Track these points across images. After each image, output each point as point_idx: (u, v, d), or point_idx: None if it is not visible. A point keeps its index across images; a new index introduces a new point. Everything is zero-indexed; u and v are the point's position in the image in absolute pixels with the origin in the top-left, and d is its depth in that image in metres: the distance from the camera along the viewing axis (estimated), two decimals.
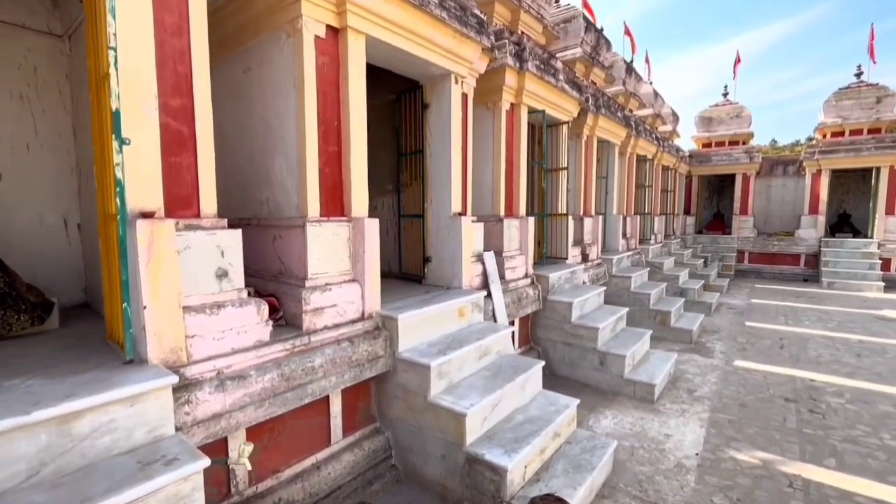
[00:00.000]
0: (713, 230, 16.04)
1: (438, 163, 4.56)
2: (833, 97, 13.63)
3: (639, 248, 10.26)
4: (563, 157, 6.55)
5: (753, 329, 8.12)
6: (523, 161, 5.69)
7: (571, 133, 7.58)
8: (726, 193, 16.91)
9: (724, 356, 6.62)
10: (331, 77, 3.32)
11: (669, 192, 13.28)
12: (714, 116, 15.81)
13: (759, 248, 14.60)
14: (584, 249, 7.54)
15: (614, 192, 8.94)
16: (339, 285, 3.28)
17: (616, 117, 8.10)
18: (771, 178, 15.88)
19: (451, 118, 4.40)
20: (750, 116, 15.32)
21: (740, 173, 15.00)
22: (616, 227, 8.96)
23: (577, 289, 6.22)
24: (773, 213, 16.00)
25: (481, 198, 5.62)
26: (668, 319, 7.45)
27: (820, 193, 13.69)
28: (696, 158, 15.62)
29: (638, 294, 7.75)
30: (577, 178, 7.68)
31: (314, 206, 3.22)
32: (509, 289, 5.26)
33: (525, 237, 5.67)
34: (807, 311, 9.48)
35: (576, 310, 5.58)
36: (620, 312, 6.07)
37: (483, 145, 5.54)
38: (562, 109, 6.36)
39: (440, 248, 4.62)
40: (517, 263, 5.55)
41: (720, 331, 8.04)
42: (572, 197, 7.73)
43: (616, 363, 5.18)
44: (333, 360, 3.05)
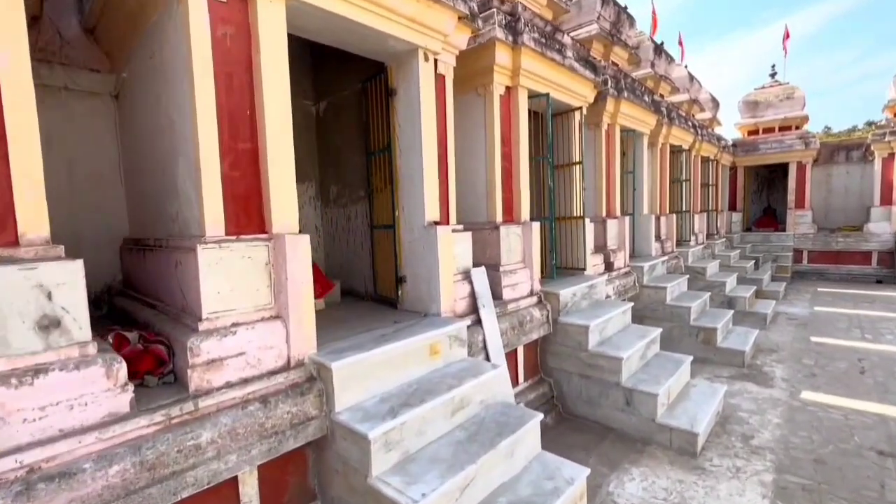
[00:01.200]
0: (763, 227, 14.32)
1: (409, 162, 3.70)
2: None
3: (676, 251, 8.99)
4: (576, 150, 5.53)
5: (822, 347, 6.73)
6: (524, 156, 4.74)
7: (588, 122, 6.54)
8: (777, 186, 15.13)
9: (787, 385, 5.37)
10: (236, 54, 2.54)
11: (711, 186, 11.83)
12: (761, 100, 14.15)
13: (821, 246, 12.83)
14: (608, 257, 6.45)
15: (644, 188, 7.78)
16: (249, 326, 2.47)
17: (642, 102, 6.98)
18: (831, 165, 14.02)
19: (421, 104, 3.53)
20: (803, 97, 13.58)
21: (794, 162, 13.27)
22: (647, 228, 7.78)
23: (597, 306, 5.17)
24: (834, 206, 14.11)
25: (473, 202, 4.71)
26: (714, 338, 6.23)
27: (893, 181, 11.83)
28: (742, 148, 14.00)
29: (675, 308, 6.57)
30: (597, 173, 6.62)
31: (215, 221, 2.43)
32: (508, 311, 4.31)
33: (529, 247, 4.70)
34: (888, 322, 7.91)
35: (594, 334, 4.55)
36: (652, 334, 4.97)
37: (473, 138, 4.64)
38: (572, 93, 5.36)
39: (415, 265, 3.75)
40: (519, 279, 4.59)
41: (780, 349, 6.71)
42: (591, 196, 6.67)
43: (646, 403, 4.11)
44: (234, 432, 2.24)
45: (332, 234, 5.02)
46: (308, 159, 4.96)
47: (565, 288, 4.85)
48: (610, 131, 6.72)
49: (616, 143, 6.76)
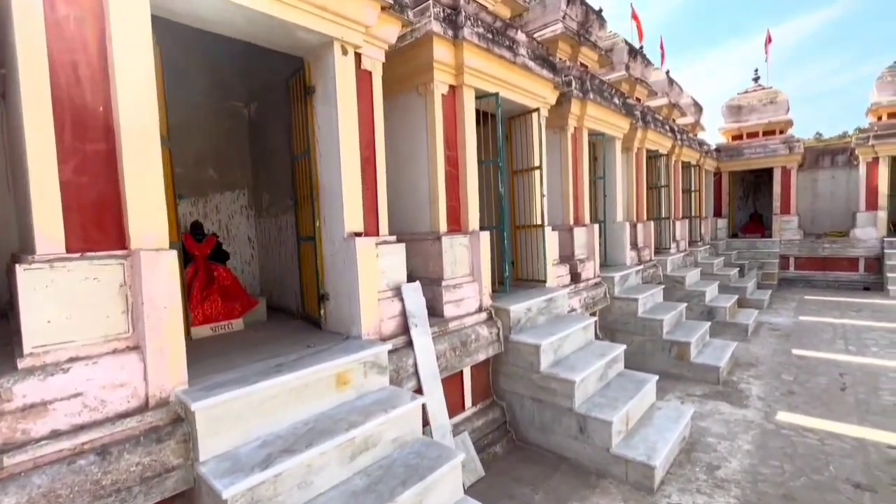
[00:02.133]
0: (749, 233, 14.03)
1: (328, 167, 3.32)
2: (888, 72, 11.59)
3: (654, 259, 8.64)
4: (536, 154, 5.19)
5: (803, 360, 6.37)
6: (471, 160, 4.38)
7: (552, 125, 6.22)
8: (763, 191, 14.86)
9: (762, 404, 4.99)
10: (80, 39, 2.17)
11: (693, 192, 11.53)
12: (744, 104, 13.93)
13: (807, 253, 12.53)
14: (575, 267, 6.09)
15: (617, 194, 7.44)
16: (91, 361, 2.07)
17: (611, 104, 6.66)
18: (816, 170, 13.78)
19: (339, 102, 3.17)
20: (787, 101, 13.36)
21: (779, 167, 13.02)
22: (621, 236, 7.43)
23: (555, 322, 4.79)
24: (820, 211, 13.86)
25: (414, 211, 4.34)
26: (688, 352, 5.85)
27: (878, 185, 11.58)
28: (726, 153, 13.75)
29: (647, 320, 6.20)
30: (563, 179, 6.27)
31: (49, 237, 2.04)
32: (449, 330, 3.91)
33: (477, 258, 4.33)
34: (872, 332, 7.57)
35: (546, 353, 4.15)
36: (614, 352, 4.58)
37: (414, 142, 4.28)
38: (528, 94, 5.03)
39: (337, 281, 3.36)
40: (465, 294, 4.20)
41: (759, 363, 6.34)
42: (559, 203, 6.32)
43: (600, 431, 3.71)
44: (52, 493, 1.82)
45: (265, 245, 4.64)
46: (239, 165, 4.59)
47: (519, 303, 4.46)
48: (577, 135, 6.39)
49: (584, 147, 6.42)
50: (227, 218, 4.49)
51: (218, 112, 4.45)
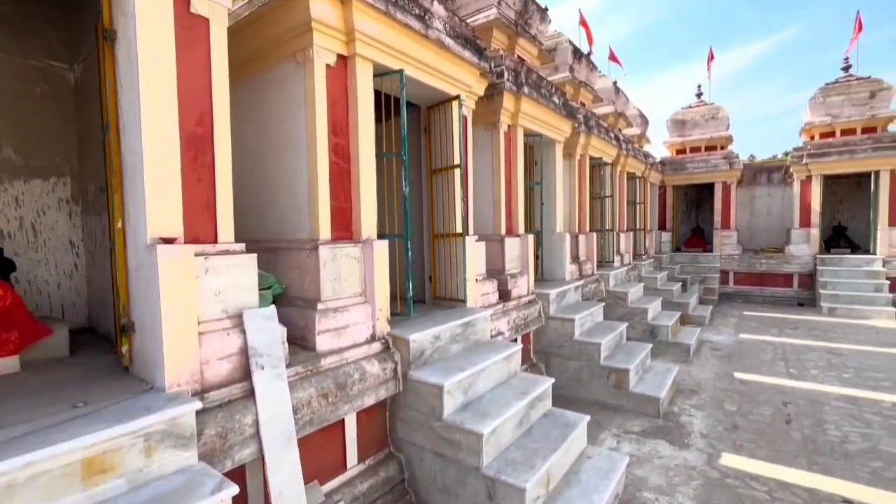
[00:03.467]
0: (692, 247, 14.05)
1: (131, 143, 2.34)
2: (820, 93, 11.90)
3: (597, 274, 8.11)
4: (454, 150, 4.39)
5: (746, 386, 5.92)
6: (367, 151, 3.50)
7: (482, 121, 5.48)
8: (706, 206, 15.02)
9: (705, 443, 4.39)
10: None
11: (638, 204, 11.26)
12: (688, 119, 14.01)
13: (746, 268, 12.60)
14: (505, 283, 5.33)
15: (556, 203, 6.81)
16: None
17: (550, 103, 6.03)
18: (754, 187, 14.03)
19: (139, 51, 2.20)
20: (727, 118, 13.54)
21: (719, 182, 13.10)
22: (560, 249, 6.80)
23: (472, 351, 3.97)
24: (758, 227, 14.10)
25: (287, 210, 3.41)
26: (626, 381, 5.22)
27: (811, 203, 11.80)
28: (670, 166, 13.72)
29: (585, 344, 5.53)
30: (494, 182, 5.53)
31: None
32: (321, 369, 2.99)
33: (371, 274, 3.43)
34: (811, 353, 7.34)
35: (452, 396, 3.31)
36: (539, 388, 3.81)
37: (291, 123, 3.36)
38: (446, 78, 4.23)
39: (142, 306, 2.36)
40: (351, 319, 3.29)
41: (701, 390, 5.82)
42: (489, 210, 5.57)
43: (511, 499, 2.90)
44: None
45: (92, 252, 3.52)
46: (56, 145, 3.47)
47: (425, 329, 3.61)
48: (511, 134, 5.68)
49: (518, 148, 5.72)
50: (35, 215, 3.35)
51: (23, 73, 3.33)
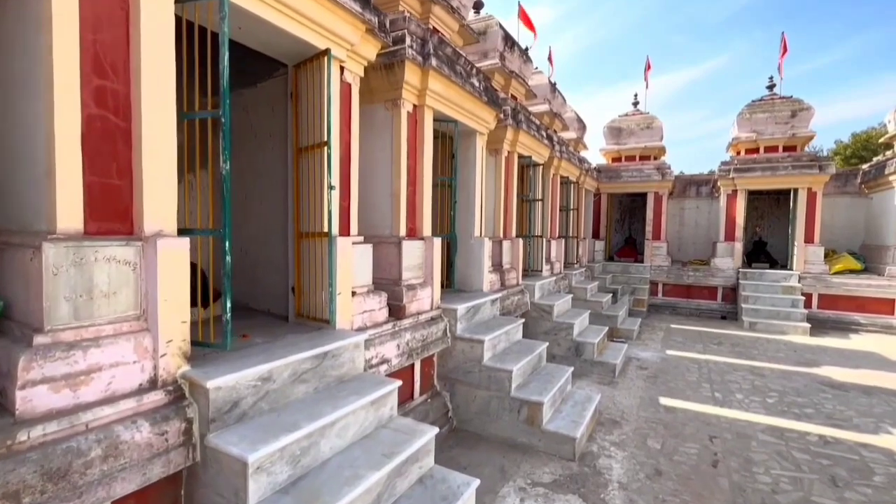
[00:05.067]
0: (624, 257, 13.89)
1: None
2: (747, 109, 12.06)
3: (522, 283, 7.35)
4: (324, 122, 3.33)
5: (672, 414, 5.33)
6: (159, 103, 2.35)
7: (378, 97, 4.49)
8: (639, 215, 14.98)
9: (624, 496, 3.62)
10: None
11: (572, 210, 10.77)
12: (624, 127, 13.85)
13: (674, 280, 12.54)
14: (400, 296, 4.33)
15: (475, 202, 5.93)
16: None
17: (468, 84, 5.13)
18: (684, 199, 14.14)
19: None
20: (661, 128, 13.51)
21: (652, 192, 12.99)
22: (478, 255, 5.92)
23: (327, 393, 2.92)
24: (687, 239, 14.24)
25: (22, 185, 2.20)
26: (539, 416, 4.39)
27: (736, 217, 11.91)
28: (605, 174, 13.47)
29: (494, 371, 4.65)
30: (395, 173, 4.52)
31: None
32: (22, 448, 1.80)
33: (154, 288, 2.28)
34: (735, 372, 7.00)
35: (268, 474, 2.24)
36: (411, 447, 2.83)
37: (16, 50, 2.14)
38: (306, 21, 3.16)
39: None
40: (106, 359, 2.12)
41: (624, 421, 5.14)
42: (389, 205, 4.56)
43: None
44: None
45: None
46: None
47: (248, 367, 2.50)
48: (417, 116, 4.71)
49: (426, 135, 4.75)
50: None
51: None
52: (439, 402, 4.79)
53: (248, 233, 4.33)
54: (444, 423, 4.71)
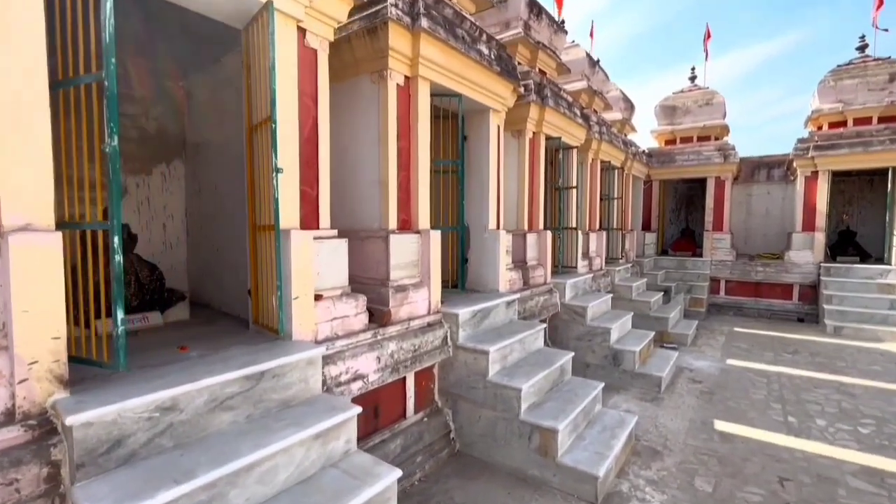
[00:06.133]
0: (680, 250, 12.44)
1: None
2: (830, 76, 10.27)
3: (550, 283, 6.49)
4: (270, 91, 2.76)
5: (729, 444, 4.33)
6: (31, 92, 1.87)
7: (362, 67, 3.89)
8: (697, 204, 13.40)
9: None
10: None
11: (616, 199, 9.64)
12: (679, 105, 12.36)
13: (739, 276, 11.01)
14: (385, 300, 3.71)
15: (489, 190, 5.18)
16: None
17: (472, 51, 4.39)
18: (752, 184, 12.42)
19: None
20: (723, 104, 11.90)
21: (712, 176, 11.47)
22: (493, 250, 5.17)
23: (262, 422, 2.36)
24: (754, 229, 12.50)
25: None
26: (553, 445, 3.60)
27: (817, 203, 10.19)
28: (657, 158, 12.09)
29: (500, 388, 3.90)
30: (383, 153, 3.90)
31: None
32: None
33: (7, 296, 1.81)
34: (815, 390, 5.75)
35: None
36: (355, 499, 2.20)
37: None
38: None
39: None
40: None
41: (666, 451, 4.23)
42: (377, 192, 3.95)
43: None
44: None
45: None
46: None
47: (133, 396, 1.98)
48: (409, 89, 4.05)
49: (420, 108, 4.08)
50: None
51: None
52: (439, 421, 4.14)
53: (220, 228, 3.89)
54: (444, 445, 4.05)
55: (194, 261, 4.28)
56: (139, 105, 4.03)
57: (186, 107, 4.32)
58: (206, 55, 3.88)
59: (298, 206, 3.03)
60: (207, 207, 4.03)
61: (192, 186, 4.24)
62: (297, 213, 3.02)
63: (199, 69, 4.06)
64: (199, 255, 4.23)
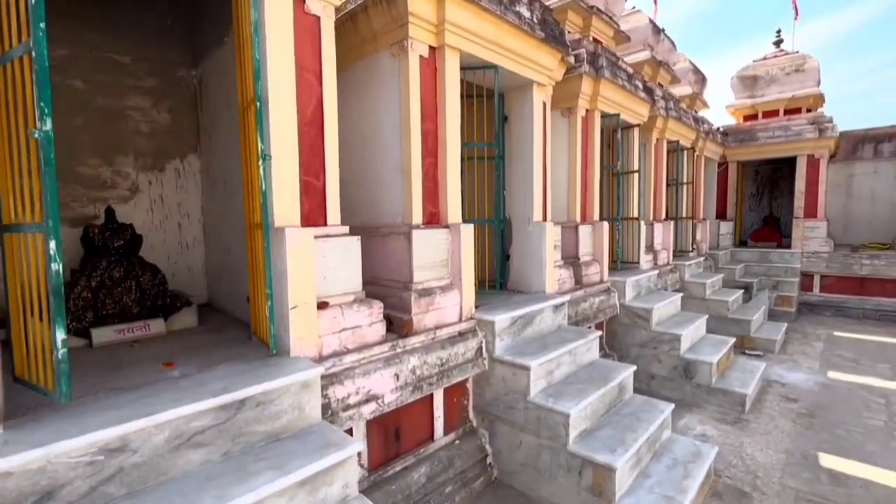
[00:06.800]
0: (762, 241, 10.93)
1: None
2: None
3: (608, 280, 5.70)
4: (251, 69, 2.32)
5: (842, 490, 3.41)
6: None
7: (381, 41, 3.40)
8: (783, 188, 11.73)
9: None
10: None
11: (685, 184, 8.50)
12: (761, 74, 10.77)
13: (839, 270, 9.41)
14: (407, 306, 3.21)
15: (534, 176, 4.51)
16: None
17: (505, 12, 3.74)
18: (854, 161, 10.59)
19: None
20: (817, 70, 10.19)
21: (804, 155, 9.87)
22: (538, 245, 4.51)
23: (241, 460, 1.94)
24: (857, 215, 10.67)
25: None
26: (610, 486, 2.93)
27: None
28: (734, 136, 10.63)
29: (544, 411, 3.27)
30: (405, 138, 3.40)
31: None
32: None
33: None
34: None
35: None
36: None
37: None
38: None
39: None
40: None
41: (756, 493, 3.40)
42: (400, 182, 3.47)
43: None
44: None
45: None
46: None
47: (68, 437, 1.63)
48: (436, 60, 3.50)
49: (447, 84, 3.52)
50: None
51: None
52: (473, 444, 3.59)
53: (230, 226, 3.58)
54: (478, 472, 3.51)
55: (211, 262, 4.03)
56: (149, 97, 3.81)
57: (199, 97, 4.06)
58: (214, 37, 3.57)
59: (298, 199, 2.60)
60: (218, 204, 3.74)
61: (206, 182, 3.98)
62: (296, 207, 2.58)
63: (207, 54, 3.76)
64: (214, 255, 3.97)
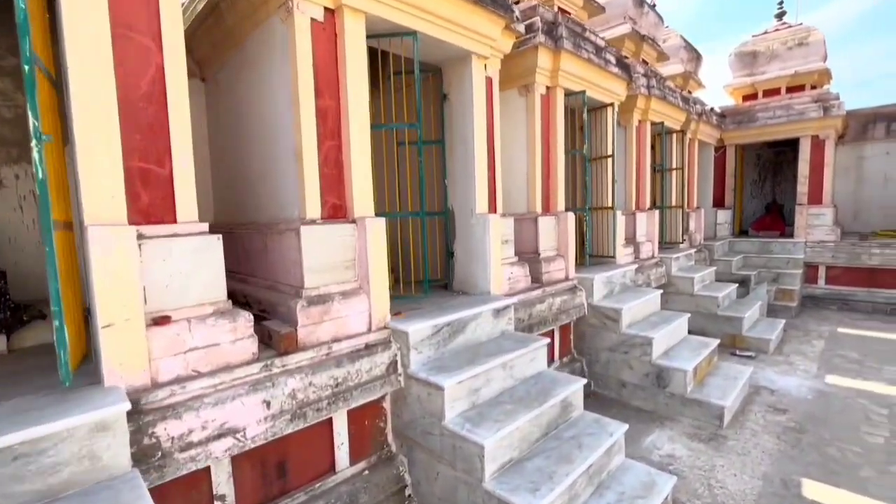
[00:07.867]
0: (764, 229, 10.20)
1: None
2: None
3: (575, 277, 5.13)
4: None
5: None
6: None
7: (265, 4, 2.86)
8: (787, 173, 10.96)
9: None
10: None
11: (673, 170, 7.84)
12: (761, 49, 9.98)
13: (846, 260, 8.69)
14: (293, 317, 2.70)
15: (475, 160, 3.95)
16: None
17: None
18: (864, 143, 9.78)
19: None
20: (822, 43, 9.38)
21: (808, 136, 9.10)
22: (482, 240, 3.95)
23: None
24: (868, 201, 9.89)
25: None
26: None
27: None
28: (732, 118, 9.88)
29: (459, 440, 2.74)
30: (295, 113, 2.87)
31: None
32: None
33: None
34: None
35: None
36: None
37: None
38: None
39: None
40: None
41: None
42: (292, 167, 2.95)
43: None
44: None
45: None
46: None
47: None
48: (335, 23, 2.96)
49: (348, 52, 2.97)
50: None
51: None
52: (387, 474, 3.09)
53: None
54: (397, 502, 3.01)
55: None
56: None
57: None
58: None
59: (123, 191, 2.10)
60: None
61: None
62: (121, 201, 2.09)
63: None
64: None
